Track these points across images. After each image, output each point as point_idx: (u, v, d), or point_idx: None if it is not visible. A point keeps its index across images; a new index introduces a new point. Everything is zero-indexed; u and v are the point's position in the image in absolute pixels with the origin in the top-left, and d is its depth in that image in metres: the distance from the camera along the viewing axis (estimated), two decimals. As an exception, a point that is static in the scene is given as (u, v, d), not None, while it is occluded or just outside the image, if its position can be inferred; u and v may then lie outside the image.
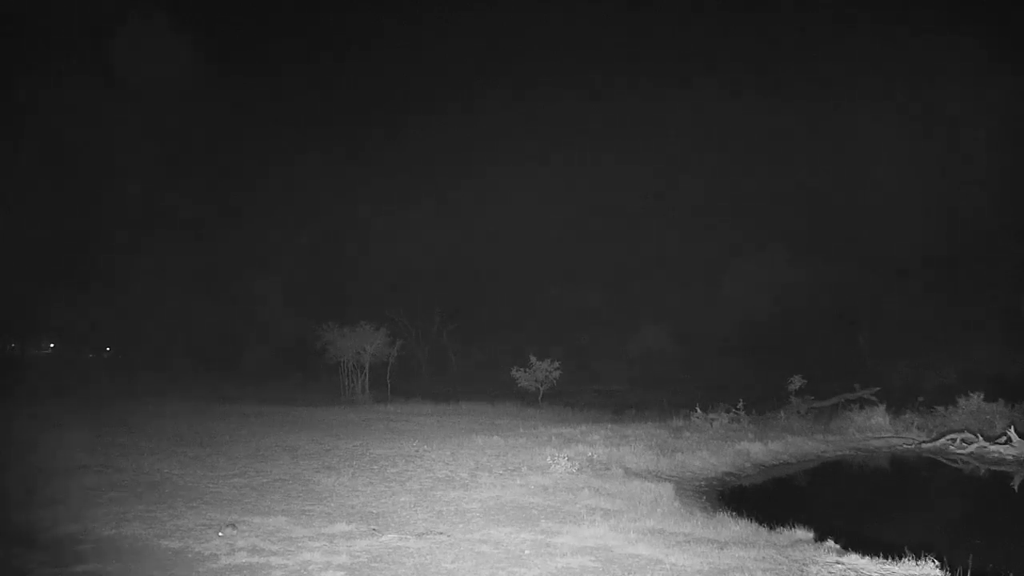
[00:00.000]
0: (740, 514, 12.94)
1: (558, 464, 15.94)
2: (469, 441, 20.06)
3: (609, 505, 13.16)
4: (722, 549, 10.33)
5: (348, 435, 21.34)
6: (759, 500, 15.48)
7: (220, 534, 10.86)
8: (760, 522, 12.31)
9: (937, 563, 9.71)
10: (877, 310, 53.64)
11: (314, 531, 11.10)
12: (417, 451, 18.47)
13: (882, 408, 23.71)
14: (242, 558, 9.74)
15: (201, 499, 13.29)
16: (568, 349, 47.27)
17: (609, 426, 22.80)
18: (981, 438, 20.26)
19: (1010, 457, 19.30)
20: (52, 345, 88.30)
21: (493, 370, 44.20)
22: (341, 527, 11.29)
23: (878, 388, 26.73)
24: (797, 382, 25.59)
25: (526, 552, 10.12)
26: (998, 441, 19.97)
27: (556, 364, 33.54)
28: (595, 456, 17.62)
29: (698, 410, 23.62)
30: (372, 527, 11.40)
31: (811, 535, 11.39)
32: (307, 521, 11.72)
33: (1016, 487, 17.33)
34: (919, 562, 9.75)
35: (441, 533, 11.09)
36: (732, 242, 66.18)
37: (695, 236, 71.07)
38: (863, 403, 25.29)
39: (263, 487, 14.45)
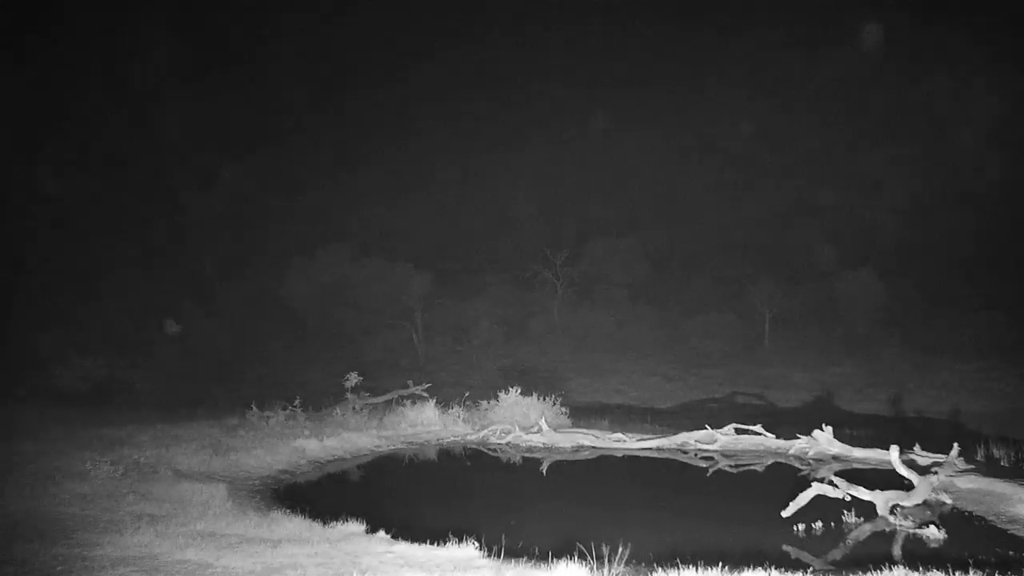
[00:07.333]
0: (295, 511, 13.01)
1: (99, 469, 14.76)
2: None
3: (156, 510, 12.49)
4: (276, 547, 10.21)
5: None
6: (314, 496, 15.59)
7: None
8: (314, 518, 12.45)
9: (476, 544, 10.55)
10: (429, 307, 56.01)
11: None
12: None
13: (432, 403, 24.99)
14: None
15: None
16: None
17: (159, 426, 21.34)
18: (517, 428, 22.30)
19: (540, 444, 21.50)
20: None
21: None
22: None
23: (429, 384, 28.19)
24: (353, 379, 26.08)
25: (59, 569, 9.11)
26: (532, 431, 22.11)
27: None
28: (142, 459, 16.57)
29: (253, 407, 23.09)
30: None
31: (363, 527, 11.71)
32: None
33: (543, 470, 19.32)
34: (461, 544, 10.51)
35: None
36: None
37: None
38: (415, 399, 26.46)
39: None
